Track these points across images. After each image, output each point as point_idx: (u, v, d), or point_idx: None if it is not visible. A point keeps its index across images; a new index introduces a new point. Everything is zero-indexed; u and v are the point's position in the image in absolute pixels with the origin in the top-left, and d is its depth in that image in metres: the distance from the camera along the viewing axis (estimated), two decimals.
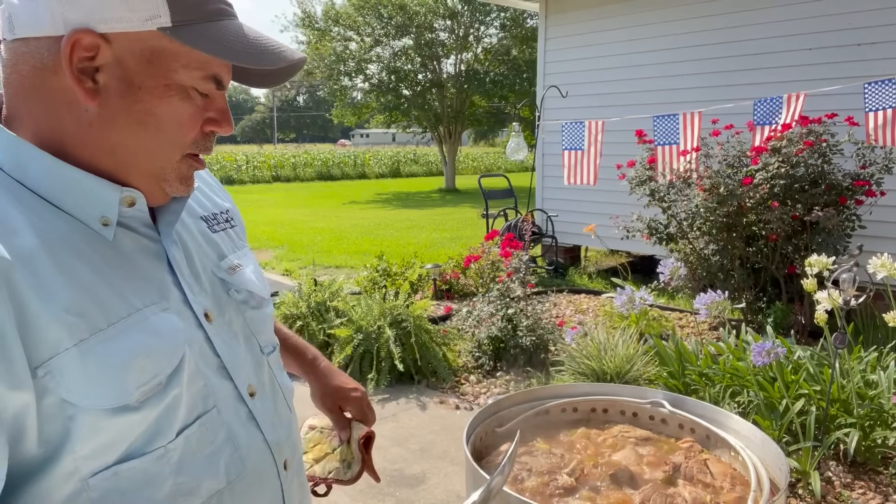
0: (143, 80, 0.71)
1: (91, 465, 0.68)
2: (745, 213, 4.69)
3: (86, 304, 0.68)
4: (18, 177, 0.70)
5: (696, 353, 3.76)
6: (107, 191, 0.72)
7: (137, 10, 0.68)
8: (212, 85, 0.75)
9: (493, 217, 8.73)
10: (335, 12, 21.30)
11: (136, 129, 0.72)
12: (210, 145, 0.78)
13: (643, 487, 1.32)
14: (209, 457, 0.76)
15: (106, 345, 0.68)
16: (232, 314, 0.86)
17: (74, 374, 0.65)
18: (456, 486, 3.14)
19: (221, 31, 0.72)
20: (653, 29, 6.72)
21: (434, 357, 4.40)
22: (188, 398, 0.75)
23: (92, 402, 0.67)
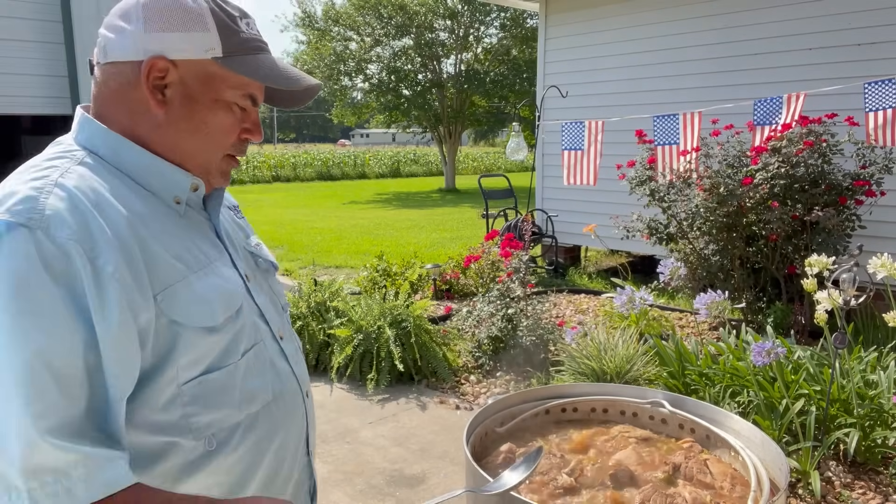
0: (199, 96, 0.94)
1: (185, 374, 0.90)
2: (745, 213, 4.69)
3: (183, 253, 0.93)
4: (115, 164, 0.93)
5: (696, 353, 3.76)
6: (180, 176, 0.97)
7: (198, 44, 0.92)
8: (248, 102, 0.99)
9: (493, 217, 8.73)
10: (335, 12, 21.30)
11: (192, 132, 0.96)
12: (244, 149, 1.03)
13: (643, 487, 1.32)
14: (261, 376, 1.01)
15: (199, 283, 0.93)
16: (260, 278, 1.11)
17: (180, 301, 0.89)
18: (456, 486, 3.14)
19: (258, 61, 0.96)
20: (653, 29, 6.72)
21: (434, 357, 4.40)
22: (247, 330, 0.99)
23: (192, 321, 0.90)
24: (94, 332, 0.79)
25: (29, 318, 0.76)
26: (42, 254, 0.77)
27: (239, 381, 0.97)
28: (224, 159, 1.01)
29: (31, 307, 0.76)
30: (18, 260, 0.77)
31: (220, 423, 0.94)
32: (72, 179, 0.86)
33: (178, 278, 0.90)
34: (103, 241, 0.82)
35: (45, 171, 0.86)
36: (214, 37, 0.93)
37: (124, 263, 0.83)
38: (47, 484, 0.74)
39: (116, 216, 0.86)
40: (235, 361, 0.96)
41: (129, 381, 0.84)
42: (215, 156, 1.00)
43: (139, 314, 0.84)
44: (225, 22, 0.94)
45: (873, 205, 4.68)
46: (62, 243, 0.79)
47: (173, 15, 0.91)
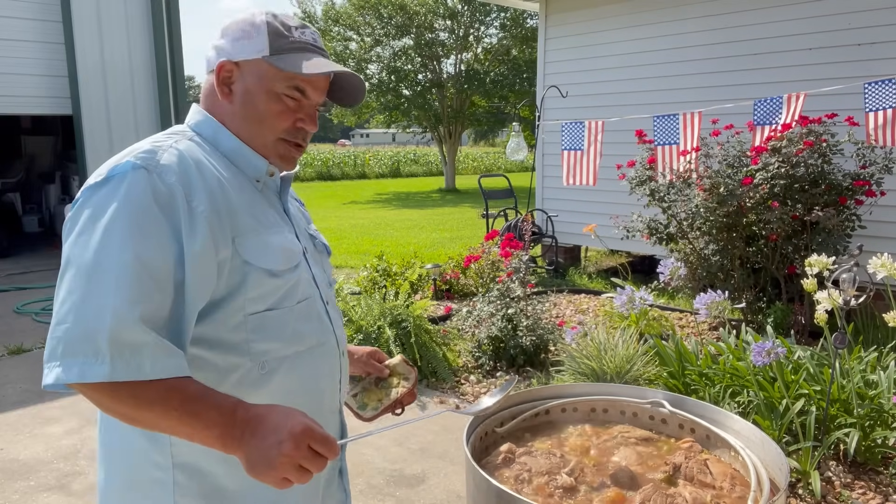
0: (254, 88, 1.17)
1: (252, 307, 1.12)
2: (745, 213, 4.69)
3: (257, 214, 1.16)
4: (214, 144, 1.19)
5: (696, 353, 3.76)
6: (260, 161, 1.21)
7: (253, 48, 1.17)
8: (297, 92, 1.18)
9: (493, 217, 8.72)
10: (335, 12, 21.29)
11: (249, 118, 1.18)
12: (300, 136, 1.22)
13: (643, 487, 1.32)
14: (309, 323, 1.21)
15: (267, 236, 1.15)
16: (316, 255, 1.33)
17: (252, 246, 1.12)
18: (456, 486, 3.14)
19: (299, 58, 1.17)
20: (653, 29, 6.72)
21: (434, 357, 4.40)
22: (302, 284, 1.21)
23: (260, 264, 1.12)
24: (184, 253, 1.02)
25: (139, 232, 0.99)
26: (155, 189, 1.02)
27: (292, 322, 1.17)
28: (280, 143, 1.20)
29: (141, 224, 1.00)
30: (138, 190, 1.01)
31: (273, 352, 1.15)
32: (182, 146, 1.12)
33: (251, 229, 1.13)
34: (199, 189, 1.07)
35: (164, 139, 1.13)
36: (265, 41, 1.16)
37: (212, 208, 1.07)
38: (124, 355, 0.95)
39: (210, 175, 1.11)
40: (291, 305, 1.17)
41: (203, 297, 1.06)
42: (269, 138, 1.19)
43: (219, 248, 1.07)
44: (277, 30, 1.17)
45: (873, 205, 4.68)
46: (170, 184, 1.04)
47: (240, 29, 1.18)
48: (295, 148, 1.23)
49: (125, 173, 1.03)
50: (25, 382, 4.43)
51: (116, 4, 8.62)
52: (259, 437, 0.98)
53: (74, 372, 0.94)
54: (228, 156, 1.19)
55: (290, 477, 0.98)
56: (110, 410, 1.00)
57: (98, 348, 0.94)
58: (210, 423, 0.99)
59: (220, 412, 0.99)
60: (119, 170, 1.04)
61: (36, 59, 8.09)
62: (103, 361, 0.94)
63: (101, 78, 8.55)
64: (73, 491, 3.11)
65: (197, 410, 0.99)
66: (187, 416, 0.98)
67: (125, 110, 8.83)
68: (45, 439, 3.63)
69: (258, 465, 0.97)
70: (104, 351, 0.94)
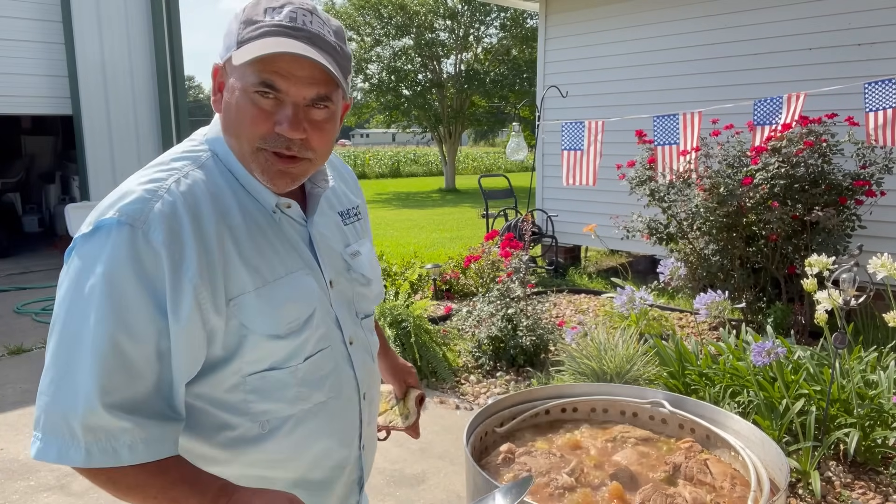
0: (229, 90, 1.00)
1: (250, 368, 1.02)
2: (745, 213, 4.69)
3: (262, 263, 1.02)
4: (227, 166, 1.05)
5: (696, 353, 3.76)
6: (268, 196, 1.05)
7: (227, 45, 1.00)
8: (266, 89, 0.96)
9: (493, 217, 8.73)
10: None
11: (228, 126, 1.02)
12: (281, 145, 0.99)
13: (643, 487, 1.32)
14: (320, 378, 1.10)
15: (270, 293, 1.02)
16: (346, 285, 1.18)
17: (250, 309, 0.99)
18: (456, 486, 3.14)
19: (255, 46, 0.95)
20: (653, 29, 6.72)
21: (434, 357, 4.40)
22: (315, 338, 1.08)
23: (258, 328, 1.00)
24: (168, 324, 0.93)
25: (117, 308, 0.90)
26: (137, 254, 0.91)
27: (297, 381, 1.07)
28: (259, 154, 1.00)
29: (120, 295, 0.90)
30: (119, 252, 0.91)
31: (274, 412, 1.06)
32: (184, 185, 0.99)
33: (251, 288, 1.00)
34: (190, 250, 0.94)
35: (165, 174, 1.00)
36: (235, 32, 0.99)
37: (205, 272, 0.95)
38: (100, 441, 0.90)
39: (210, 228, 0.97)
40: (297, 364, 1.07)
41: (191, 368, 0.98)
42: (246, 149, 1.01)
43: (208, 318, 0.96)
44: (249, 17, 0.98)
45: (873, 205, 4.68)
46: (156, 246, 0.92)
47: (227, 26, 1.02)
48: (281, 160, 1.01)
49: (110, 229, 0.92)
50: (25, 382, 4.43)
51: (116, 4, 8.62)
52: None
53: (53, 452, 0.91)
54: (241, 182, 1.05)
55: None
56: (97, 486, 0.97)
57: (73, 432, 0.90)
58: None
59: (202, 500, 0.94)
60: (103, 223, 0.93)
61: (36, 59, 8.09)
62: (79, 447, 0.90)
63: (101, 78, 8.55)
64: (73, 491, 3.11)
65: (176, 498, 0.94)
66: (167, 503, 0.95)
67: (125, 110, 8.84)
68: None
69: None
70: (79, 436, 0.90)
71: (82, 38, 8.32)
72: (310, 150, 1.02)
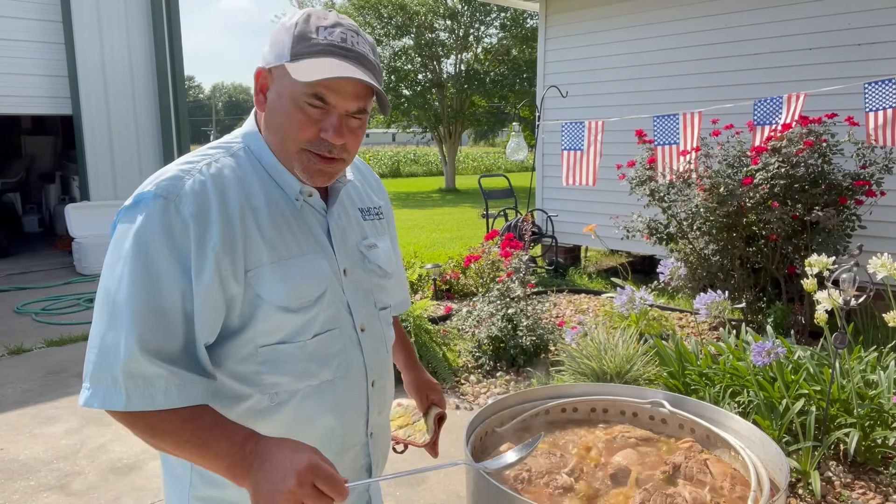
0: (279, 96, 1.11)
1: (262, 339, 1.12)
2: (745, 213, 4.69)
3: (279, 242, 1.13)
4: (258, 158, 1.17)
5: (696, 353, 3.76)
6: (294, 182, 1.16)
7: (278, 52, 1.10)
8: (317, 101, 1.09)
9: (493, 217, 8.73)
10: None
11: (274, 127, 1.14)
12: (324, 148, 1.12)
13: (643, 487, 1.32)
14: (328, 357, 1.18)
15: (284, 268, 1.12)
16: (362, 275, 1.27)
17: (266, 280, 1.10)
18: (456, 486, 3.14)
19: (313, 63, 1.07)
20: (653, 29, 6.72)
21: (434, 357, 4.40)
22: (323, 317, 1.17)
23: (272, 299, 1.10)
24: (192, 287, 1.04)
25: (150, 269, 1.02)
26: (169, 222, 1.03)
27: (305, 357, 1.15)
28: (302, 154, 1.13)
29: (152, 257, 1.03)
30: (153, 220, 1.04)
31: (282, 385, 1.14)
32: (214, 168, 1.11)
33: (267, 262, 1.10)
34: (214, 223, 1.06)
35: (200, 158, 1.14)
36: (288, 45, 1.09)
37: (227, 243, 1.06)
38: (138, 386, 1.01)
39: (234, 206, 1.09)
40: (305, 340, 1.15)
41: (211, 331, 1.08)
42: (290, 149, 1.13)
43: (228, 284, 1.07)
44: (303, 32, 1.10)
45: (873, 205, 4.68)
46: (185, 217, 1.04)
47: (276, 33, 1.13)
48: (322, 160, 1.13)
49: (147, 200, 1.05)
50: (25, 382, 4.43)
51: (116, 4, 8.63)
52: (265, 471, 0.98)
53: (98, 398, 1.02)
54: (269, 171, 1.17)
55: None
56: (136, 435, 1.07)
57: (116, 379, 1.01)
58: (220, 454, 1.02)
59: (230, 444, 1.02)
60: (142, 197, 1.07)
61: (36, 59, 8.09)
62: (120, 392, 1.01)
63: (101, 78, 8.55)
64: (73, 491, 3.11)
65: (207, 442, 1.03)
66: (198, 447, 1.03)
67: (125, 110, 8.84)
68: (45, 439, 3.63)
69: (261, 500, 0.98)
70: (120, 382, 1.01)
71: (82, 38, 8.32)
72: (346, 152, 1.15)
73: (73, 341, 5.25)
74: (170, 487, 1.24)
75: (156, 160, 9.15)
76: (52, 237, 9.88)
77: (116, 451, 3.51)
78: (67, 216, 8.00)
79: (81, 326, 5.61)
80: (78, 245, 7.75)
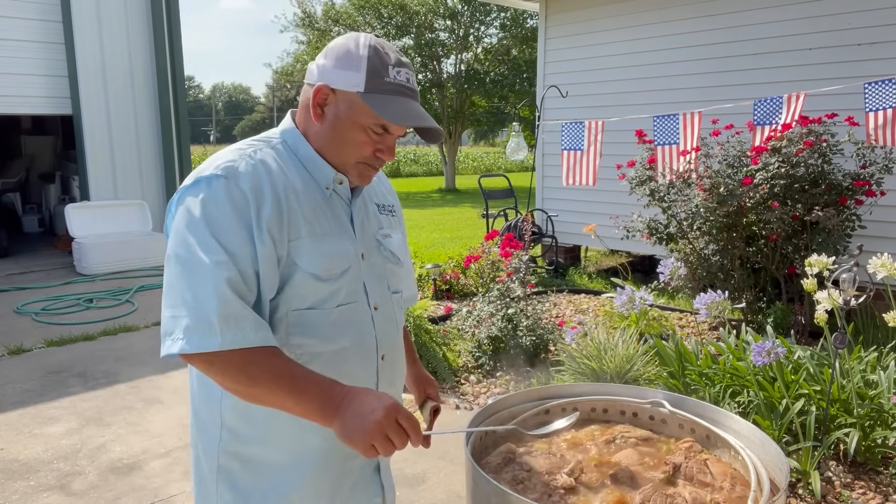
0: (344, 116, 1.28)
1: (294, 304, 1.26)
2: (745, 213, 4.69)
3: (314, 220, 1.29)
4: (294, 151, 1.34)
5: (696, 353, 3.76)
6: (329, 171, 1.33)
7: (351, 81, 1.26)
8: (381, 130, 1.29)
9: (493, 217, 8.72)
10: (335, 12, 21.29)
11: (333, 141, 1.31)
12: (377, 164, 1.34)
13: (643, 487, 1.32)
14: (347, 326, 1.32)
15: (317, 242, 1.28)
16: (378, 260, 1.42)
17: (303, 251, 1.25)
18: (456, 486, 3.14)
19: (388, 101, 1.26)
20: (653, 29, 6.72)
21: (434, 357, 4.40)
22: (346, 291, 1.32)
23: (306, 267, 1.25)
24: (256, 251, 1.19)
25: (223, 229, 1.18)
26: (232, 194, 1.20)
27: (328, 323, 1.29)
28: (358, 165, 1.33)
29: (224, 224, 1.18)
30: (219, 192, 1.20)
31: (307, 347, 1.28)
32: (260, 155, 1.28)
33: (305, 235, 1.26)
34: (267, 196, 1.22)
35: (247, 146, 1.30)
36: (362, 77, 1.26)
37: (276, 215, 1.22)
38: (231, 326, 1.13)
39: (279, 185, 1.25)
40: (330, 308, 1.30)
41: (271, 289, 1.23)
42: (349, 161, 1.32)
43: (278, 249, 1.22)
44: (376, 68, 1.26)
45: (873, 205, 4.68)
46: (244, 190, 1.21)
47: (343, 57, 1.27)
48: (372, 169, 1.35)
49: (210, 178, 1.21)
50: (25, 382, 4.43)
51: (116, 4, 8.62)
52: (355, 406, 1.14)
53: (194, 343, 1.12)
54: (304, 162, 1.33)
55: (377, 444, 1.12)
56: (231, 388, 1.18)
57: (211, 323, 1.12)
58: (311, 396, 1.15)
59: (321, 387, 1.16)
60: (203, 177, 1.22)
61: (36, 59, 8.09)
62: (215, 333, 1.12)
63: (101, 78, 8.55)
64: (73, 491, 3.11)
65: (300, 385, 1.15)
66: (291, 390, 1.15)
67: (125, 110, 8.83)
68: (45, 439, 3.63)
69: (353, 431, 1.12)
70: (215, 325, 1.12)
71: (82, 38, 8.32)
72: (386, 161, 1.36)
73: (73, 341, 5.25)
74: (201, 443, 1.35)
75: (156, 160, 9.15)
76: (52, 237, 9.88)
77: (116, 451, 3.51)
78: (67, 216, 8.00)
79: (81, 326, 5.61)
80: (78, 245, 7.75)
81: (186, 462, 3.38)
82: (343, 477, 1.37)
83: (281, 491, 1.30)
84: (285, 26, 50.76)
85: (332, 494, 1.36)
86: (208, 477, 1.34)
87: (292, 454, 1.31)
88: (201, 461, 1.36)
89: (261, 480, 1.31)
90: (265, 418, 1.28)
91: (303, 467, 1.31)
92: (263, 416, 1.27)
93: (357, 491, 1.40)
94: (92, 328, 5.56)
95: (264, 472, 1.31)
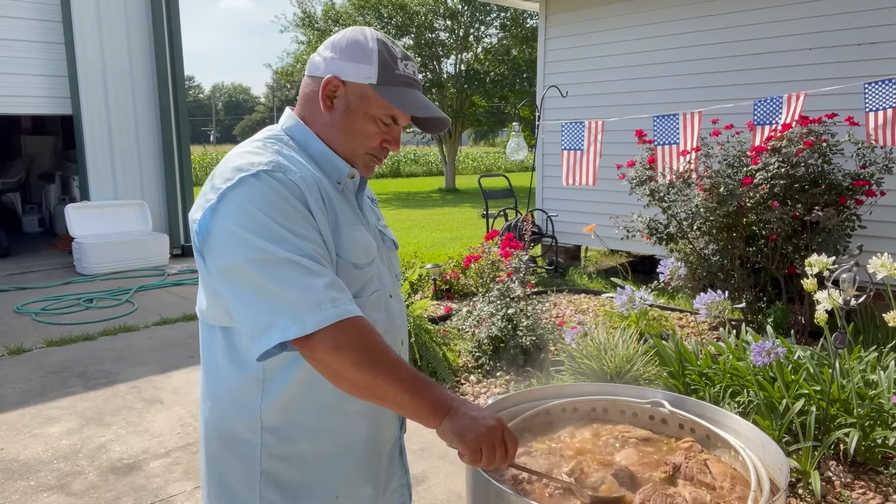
0: (355, 108, 1.30)
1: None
2: (745, 213, 4.69)
3: (342, 212, 1.31)
4: (304, 148, 1.33)
5: (696, 353, 3.76)
6: (343, 165, 1.34)
7: (362, 72, 1.28)
8: (390, 120, 1.33)
9: (493, 217, 8.72)
10: (335, 12, 21.28)
11: (344, 132, 1.33)
12: (383, 155, 1.37)
13: (643, 487, 1.32)
14: (379, 313, 1.36)
15: (351, 233, 1.30)
16: (384, 249, 1.45)
17: (342, 240, 1.28)
18: (456, 486, 3.14)
19: (401, 93, 1.30)
20: (652, 29, 6.72)
21: (434, 357, 4.40)
22: (375, 279, 1.35)
23: (346, 256, 1.28)
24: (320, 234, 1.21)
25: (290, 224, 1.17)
26: (284, 184, 1.20)
27: (368, 310, 1.32)
28: (366, 156, 1.35)
29: (290, 216, 1.18)
30: (274, 185, 1.19)
31: None
32: (287, 151, 1.29)
33: (342, 225, 1.29)
34: (313, 187, 1.25)
35: (270, 145, 1.29)
36: (374, 69, 1.28)
37: (321, 204, 1.25)
38: (337, 299, 1.13)
39: (312, 177, 1.27)
40: (367, 296, 1.33)
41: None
42: (358, 152, 1.34)
43: (326, 237, 1.24)
44: (386, 61, 1.29)
45: (873, 205, 4.68)
46: (295, 180, 1.22)
47: (353, 50, 1.29)
48: (378, 160, 1.39)
49: (257, 175, 1.19)
50: (25, 382, 4.43)
51: (116, 4, 8.62)
52: (467, 408, 1.17)
53: (309, 323, 1.09)
54: (315, 158, 1.33)
55: (485, 447, 1.14)
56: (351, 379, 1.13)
57: (321, 301, 1.11)
58: (427, 393, 1.16)
59: (433, 387, 1.18)
60: (248, 175, 1.19)
61: (36, 59, 8.09)
62: (328, 308, 1.11)
63: (100, 78, 8.54)
64: (73, 491, 3.11)
65: (419, 381, 1.16)
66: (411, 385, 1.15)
67: (125, 110, 8.83)
68: (45, 439, 3.63)
69: (466, 430, 1.14)
70: (327, 302, 1.11)
71: (82, 38, 8.32)
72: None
73: (73, 341, 5.25)
74: (235, 459, 1.30)
75: (156, 160, 9.15)
76: (52, 237, 9.88)
77: (116, 451, 3.51)
78: (67, 216, 8.00)
79: (81, 326, 5.61)
80: (78, 245, 7.75)
81: (187, 462, 3.38)
82: (379, 461, 1.42)
83: (329, 481, 1.33)
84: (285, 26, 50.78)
85: (374, 479, 1.41)
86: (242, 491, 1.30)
87: (339, 444, 1.32)
88: (229, 477, 1.31)
89: (308, 474, 1.31)
90: (311, 413, 1.28)
91: (349, 455, 1.34)
92: (308, 410, 1.28)
93: (390, 473, 1.47)
94: (92, 328, 5.56)
95: (312, 467, 1.31)
